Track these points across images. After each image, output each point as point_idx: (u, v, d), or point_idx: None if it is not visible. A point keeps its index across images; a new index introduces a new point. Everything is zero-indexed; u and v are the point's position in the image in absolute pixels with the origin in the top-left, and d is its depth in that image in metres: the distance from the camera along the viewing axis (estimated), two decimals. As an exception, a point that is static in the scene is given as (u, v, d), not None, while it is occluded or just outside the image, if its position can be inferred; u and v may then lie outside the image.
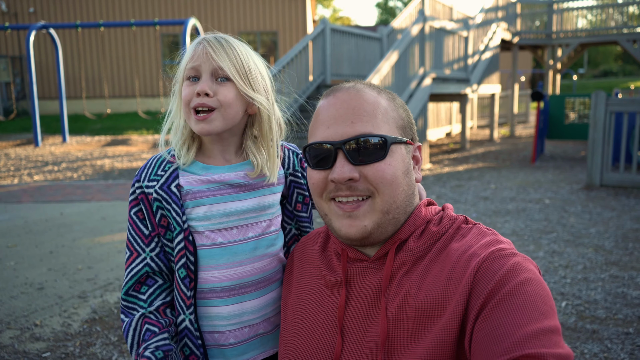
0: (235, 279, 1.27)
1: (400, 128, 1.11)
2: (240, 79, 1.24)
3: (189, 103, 1.24)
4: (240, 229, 1.28)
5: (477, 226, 1.09)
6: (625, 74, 51.54)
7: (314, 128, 1.12)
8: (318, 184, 1.09)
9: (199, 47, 1.24)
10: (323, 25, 10.82)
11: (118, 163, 11.08)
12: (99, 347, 3.23)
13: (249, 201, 1.30)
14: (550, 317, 0.88)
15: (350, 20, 61.97)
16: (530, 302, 0.89)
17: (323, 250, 1.24)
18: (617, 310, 3.63)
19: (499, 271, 0.93)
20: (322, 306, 1.15)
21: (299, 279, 1.23)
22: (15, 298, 3.97)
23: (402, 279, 1.05)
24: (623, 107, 8.14)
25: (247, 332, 1.30)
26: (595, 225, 5.93)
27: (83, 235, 5.63)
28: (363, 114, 1.06)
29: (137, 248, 1.27)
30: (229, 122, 1.26)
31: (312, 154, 1.10)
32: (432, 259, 1.04)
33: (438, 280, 1.00)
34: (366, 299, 1.08)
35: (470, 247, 1.01)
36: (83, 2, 21.31)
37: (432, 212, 1.14)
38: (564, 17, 17.59)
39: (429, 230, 1.09)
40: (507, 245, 1.01)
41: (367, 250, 1.12)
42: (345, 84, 1.13)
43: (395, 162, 1.06)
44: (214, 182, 1.27)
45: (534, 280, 0.93)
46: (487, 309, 0.91)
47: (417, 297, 1.00)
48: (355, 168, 1.04)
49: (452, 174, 9.87)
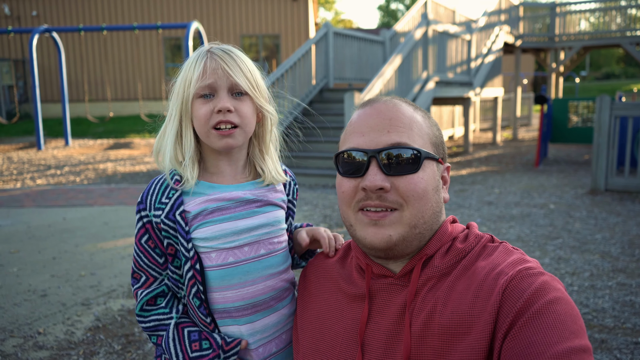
0: (248, 298, 1.25)
1: (434, 145, 1.11)
2: (255, 92, 1.24)
3: (208, 121, 1.21)
4: (252, 246, 1.25)
5: (504, 244, 1.08)
6: (628, 76, 51.48)
7: (348, 135, 1.11)
8: (348, 192, 1.08)
9: (211, 63, 1.20)
10: (326, 28, 10.81)
11: (120, 167, 11.07)
12: (102, 356, 3.20)
13: (259, 217, 1.27)
14: (580, 336, 0.88)
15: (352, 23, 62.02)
16: (560, 321, 0.88)
17: (342, 265, 1.22)
18: (625, 319, 3.59)
19: (527, 290, 0.93)
20: (342, 321, 1.13)
21: (317, 295, 1.22)
22: (18, 305, 3.95)
23: (426, 295, 1.04)
24: (628, 111, 8.11)
25: (262, 352, 1.27)
26: (601, 231, 5.89)
27: (86, 241, 5.61)
28: (400, 125, 1.07)
29: (153, 274, 1.26)
30: (248, 136, 1.26)
31: (345, 161, 1.09)
32: (458, 276, 1.04)
33: (464, 298, 0.99)
34: (389, 316, 1.06)
35: (498, 265, 1.01)
36: (86, 6, 21.35)
37: (458, 229, 1.14)
38: (566, 20, 17.57)
39: (455, 248, 1.09)
40: (534, 264, 1.00)
41: (392, 266, 1.10)
42: (382, 97, 1.14)
43: (427, 177, 1.06)
44: (222, 200, 1.24)
45: (563, 300, 0.92)
46: (516, 327, 0.90)
47: (443, 314, 0.99)
48: (387, 178, 1.04)
49: (456, 178, 9.83)
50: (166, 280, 1.27)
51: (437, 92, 10.94)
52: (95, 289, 4.27)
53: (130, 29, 13.38)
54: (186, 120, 1.24)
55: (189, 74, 1.22)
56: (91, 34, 21.04)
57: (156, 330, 1.24)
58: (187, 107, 1.23)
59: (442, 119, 16.50)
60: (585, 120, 12.49)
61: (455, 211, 6.93)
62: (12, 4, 21.50)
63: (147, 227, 1.24)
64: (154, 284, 1.27)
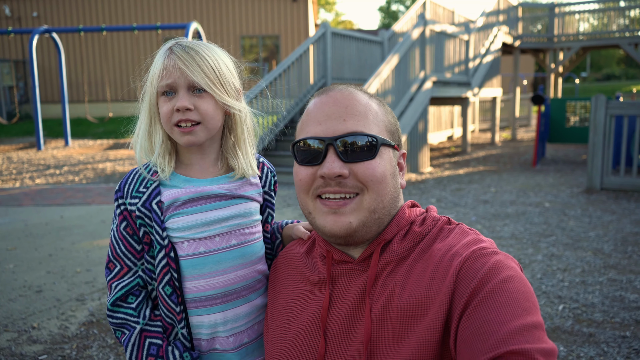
0: (218, 287, 1.27)
1: (389, 132, 1.13)
2: (216, 89, 1.23)
3: (170, 119, 1.23)
4: (223, 237, 1.28)
5: (460, 226, 1.10)
6: (628, 77, 51.45)
7: (305, 124, 1.12)
8: (306, 180, 1.10)
9: (169, 62, 1.22)
10: (324, 28, 10.84)
11: (119, 166, 11.11)
12: (95, 350, 3.23)
13: (230, 209, 1.30)
14: (532, 313, 0.90)
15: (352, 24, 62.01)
16: (513, 299, 0.90)
17: (308, 255, 1.24)
18: (614, 314, 3.62)
19: (481, 270, 0.95)
20: (307, 309, 1.15)
21: (285, 285, 1.24)
22: (13, 301, 3.99)
23: (386, 280, 1.06)
24: (623, 110, 8.13)
25: (232, 342, 1.29)
26: (594, 229, 5.92)
27: (82, 239, 5.64)
28: (355, 113, 1.08)
29: (128, 263, 1.27)
30: (212, 131, 1.27)
31: (302, 149, 1.10)
32: (416, 259, 1.05)
33: (421, 280, 1.01)
34: (350, 301, 1.08)
35: (453, 246, 1.03)
36: (86, 7, 21.41)
37: (416, 213, 1.16)
38: (565, 20, 17.59)
39: (413, 231, 1.11)
40: (488, 244, 1.02)
41: (352, 252, 1.12)
42: (338, 85, 1.15)
43: (384, 162, 1.08)
44: (195, 193, 1.27)
45: (516, 278, 0.94)
46: (471, 307, 0.92)
47: (401, 297, 1.01)
48: (345, 165, 1.06)
49: (453, 177, 9.86)
50: (140, 272, 1.28)
51: (434, 92, 10.96)
52: (90, 285, 4.30)
53: (129, 29, 13.43)
54: (154, 117, 1.28)
55: (152, 72, 1.26)
56: (91, 35, 21.10)
57: (122, 327, 1.25)
58: (153, 104, 1.27)
59: (440, 119, 16.53)
60: (582, 120, 12.51)
61: (450, 209, 6.97)
62: (12, 5, 21.58)
63: (124, 214, 1.26)
64: (127, 275, 1.27)
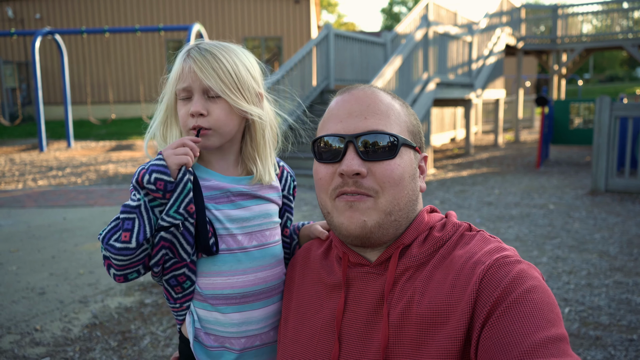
0: (237, 287, 1.23)
1: (411, 133, 1.11)
2: (231, 94, 1.20)
3: (186, 123, 1.22)
4: (245, 236, 1.25)
5: (481, 233, 1.08)
6: (632, 79, 51.39)
7: (326, 122, 1.11)
8: (325, 178, 1.08)
9: (185, 65, 1.21)
10: (327, 30, 10.84)
11: (122, 168, 11.11)
12: (98, 352, 3.22)
13: (252, 209, 1.27)
14: (557, 325, 0.87)
15: (354, 26, 62.08)
16: (537, 310, 0.88)
17: (325, 256, 1.22)
18: (621, 317, 3.59)
19: (504, 279, 0.92)
20: (321, 312, 1.13)
21: (301, 285, 1.22)
22: (16, 303, 3.97)
23: (405, 285, 1.03)
24: (628, 112, 8.10)
25: (244, 343, 1.26)
26: (599, 231, 5.89)
27: (85, 240, 5.63)
28: (377, 111, 1.07)
29: None
30: (226, 136, 1.25)
31: (322, 147, 1.09)
32: (436, 266, 1.03)
33: (442, 287, 0.99)
34: (366, 305, 1.06)
35: (475, 254, 1.00)
36: (89, 8, 21.46)
37: (435, 218, 1.13)
38: (568, 22, 17.57)
39: (433, 237, 1.08)
40: (511, 253, 1.00)
41: (368, 255, 1.10)
42: (360, 85, 1.14)
43: (404, 163, 1.06)
44: (216, 188, 1.24)
45: (540, 288, 0.92)
46: (494, 317, 0.89)
47: (421, 304, 0.98)
48: (364, 163, 1.04)
49: (456, 179, 9.83)
50: None
51: (437, 94, 10.94)
52: (94, 287, 4.28)
53: (132, 31, 13.45)
54: (171, 117, 1.28)
55: (171, 74, 1.25)
56: (94, 37, 21.15)
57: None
58: (171, 105, 1.27)
59: (444, 121, 16.50)
60: (586, 121, 12.48)
61: (454, 211, 6.92)
62: (15, 7, 21.63)
63: None
64: None
